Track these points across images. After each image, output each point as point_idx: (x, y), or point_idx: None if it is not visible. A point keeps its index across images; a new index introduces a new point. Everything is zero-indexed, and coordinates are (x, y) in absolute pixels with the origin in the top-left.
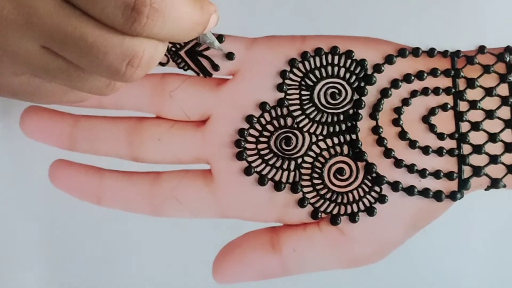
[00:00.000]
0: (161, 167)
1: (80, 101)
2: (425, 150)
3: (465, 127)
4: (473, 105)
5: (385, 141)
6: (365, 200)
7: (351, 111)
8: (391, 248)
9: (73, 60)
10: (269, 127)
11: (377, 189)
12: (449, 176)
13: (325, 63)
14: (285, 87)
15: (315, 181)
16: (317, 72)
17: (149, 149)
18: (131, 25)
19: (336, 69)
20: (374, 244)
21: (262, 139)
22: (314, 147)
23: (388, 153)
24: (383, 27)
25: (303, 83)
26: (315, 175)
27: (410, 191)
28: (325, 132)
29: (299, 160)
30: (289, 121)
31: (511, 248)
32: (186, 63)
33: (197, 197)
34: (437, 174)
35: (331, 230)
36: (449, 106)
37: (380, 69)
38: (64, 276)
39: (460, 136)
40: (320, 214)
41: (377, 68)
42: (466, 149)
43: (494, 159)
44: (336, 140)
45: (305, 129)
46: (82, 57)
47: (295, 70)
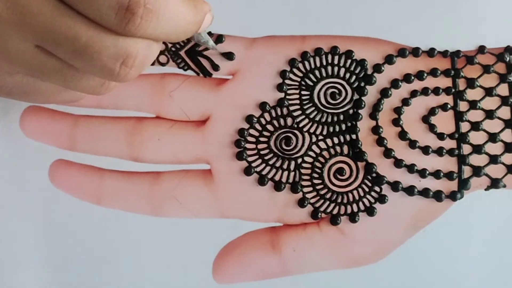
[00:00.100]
0: (161, 167)
1: (75, 100)
2: (425, 150)
3: (465, 127)
4: (473, 105)
5: (385, 141)
6: (365, 200)
7: (351, 111)
8: (391, 248)
9: (67, 59)
10: (269, 127)
11: (377, 189)
12: (449, 176)
13: (325, 63)
14: (285, 87)
15: (315, 181)
16: (317, 72)
17: (149, 149)
18: (125, 26)
19: (336, 69)
20: (374, 244)
21: (262, 139)
22: (314, 147)
23: (388, 153)
24: (383, 27)
25: (303, 83)
26: (315, 175)
27: (410, 191)
28: (325, 132)
29: (299, 160)
30: (289, 121)
31: (511, 248)
32: (186, 63)
33: (197, 197)
34: (437, 174)
35: (331, 230)
36: (449, 106)
37: (380, 69)
38: (64, 276)
39: (460, 136)
40: (320, 214)
41: (377, 68)
42: (466, 149)
43: (494, 159)
44: (336, 140)
45: (305, 129)
46: (76, 56)
47: (295, 70)
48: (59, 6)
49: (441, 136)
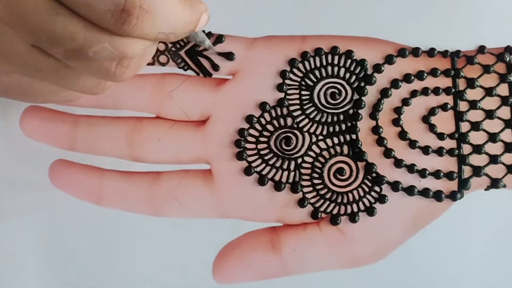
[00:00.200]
0: (161, 167)
1: (72, 100)
2: (425, 150)
3: (465, 127)
4: (473, 105)
5: (385, 141)
6: (365, 200)
7: (351, 111)
8: (391, 248)
9: (64, 59)
10: (269, 127)
11: (377, 189)
12: (449, 176)
13: (325, 63)
14: (285, 87)
15: (315, 181)
16: (317, 72)
17: (149, 149)
18: (121, 26)
19: (336, 69)
20: (374, 244)
21: (262, 139)
22: (314, 147)
23: (388, 153)
24: (383, 27)
25: (303, 83)
26: (315, 175)
27: (410, 191)
28: (325, 132)
29: (299, 160)
30: (289, 121)
31: (511, 248)
32: (186, 63)
33: (197, 197)
34: (437, 174)
35: (331, 230)
36: (449, 106)
37: (380, 69)
38: (64, 276)
39: (460, 136)
40: (320, 214)
41: (377, 68)
42: (466, 149)
43: (494, 159)
44: (336, 140)
45: (305, 129)
46: (72, 56)
47: (295, 70)
48: (56, 6)
49: (441, 136)
